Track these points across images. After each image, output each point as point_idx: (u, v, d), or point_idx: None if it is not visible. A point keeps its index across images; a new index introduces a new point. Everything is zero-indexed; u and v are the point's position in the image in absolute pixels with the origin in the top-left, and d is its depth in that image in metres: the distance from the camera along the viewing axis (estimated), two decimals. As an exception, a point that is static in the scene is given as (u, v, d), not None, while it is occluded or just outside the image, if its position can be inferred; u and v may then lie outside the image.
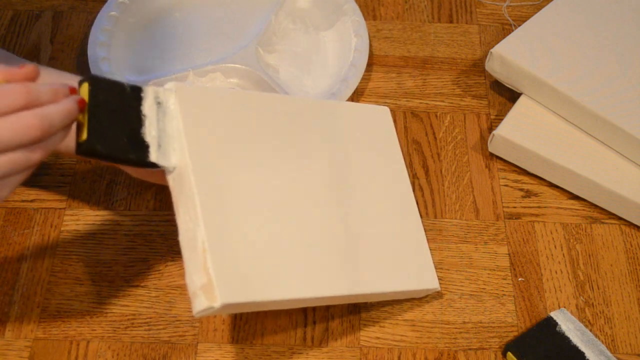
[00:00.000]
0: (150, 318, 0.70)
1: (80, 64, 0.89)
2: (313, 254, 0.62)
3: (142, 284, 0.72)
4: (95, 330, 0.69)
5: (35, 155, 0.50)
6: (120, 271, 0.73)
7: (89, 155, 0.54)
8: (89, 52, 0.85)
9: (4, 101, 0.48)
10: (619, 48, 0.84)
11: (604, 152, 0.80)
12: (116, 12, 0.88)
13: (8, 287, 0.72)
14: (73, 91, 0.53)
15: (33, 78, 0.52)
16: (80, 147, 0.53)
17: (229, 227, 0.57)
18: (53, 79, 0.66)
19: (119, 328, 0.70)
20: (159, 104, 0.57)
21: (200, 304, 0.55)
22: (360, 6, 0.94)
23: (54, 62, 0.89)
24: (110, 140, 0.54)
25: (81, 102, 0.53)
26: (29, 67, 0.52)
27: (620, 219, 0.79)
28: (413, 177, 0.81)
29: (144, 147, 0.56)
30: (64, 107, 0.51)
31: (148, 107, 0.57)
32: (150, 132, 0.56)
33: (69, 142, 0.64)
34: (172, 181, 0.58)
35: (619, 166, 0.79)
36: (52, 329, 0.69)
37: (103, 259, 0.74)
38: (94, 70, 0.83)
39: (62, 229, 0.75)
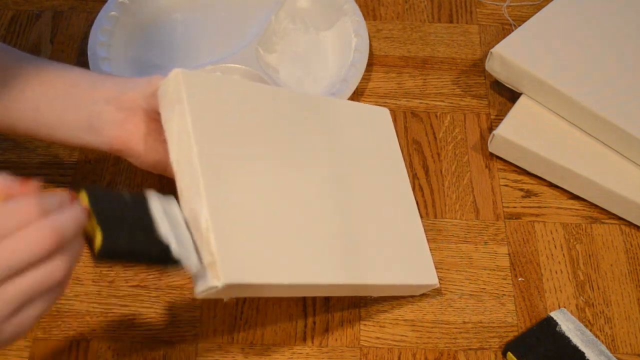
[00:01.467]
0: (151, 318, 0.70)
1: (80, 64, 0.88)
2: (315, 242, 0.62)
3: (142, 284, 0.72)
4: (95, 330, 0.69)
5: (59, 272, 0.46)
6: (120, 271, 0.73)
7: (110, 258, 0.50)
8: (89, 52, 0.85)
9: (17, 218, 0.45)
10: (619, 48, 0.84)
11: (604, 152, 0.80)
12: (116, 12, 0.88)
13: (8, 287, 0.72)
14: (74, 197, 0.50)
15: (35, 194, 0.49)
16: (99, 253, 0.49)
17: (232, 211, 0.57)
18: (57, 72, 0.65)
19: (119, 328, 0.70)
20: (164, 209, 0.55)
21: (204, 283, 0.54)
22: (360, 6, 0.94)
23: (54, 62, 0.89)
24: (127, 241, 0.51)
25: (86, 209, 0.50)
26: (31, 185, 0.48)
27: (620, 219, 0.79)
28: (413, 177, 0.81)
29: (163, 244, 0.53)
30: (73, 214, 0.47)
31: (156, 210, 0.54)
32: (166, 231, 0.54)
33: (77, 133, 0.64)
34: (175, 165, 0.58)
35: (619, 166, 0.79)
36: (52, 329, 0.69)
37: (103, 259, 0.74)
38: (93, 69, 0.83)
39: (62, 229, 0.75)
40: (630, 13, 0.88)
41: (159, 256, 0.53)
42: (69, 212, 0.47)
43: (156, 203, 0.55)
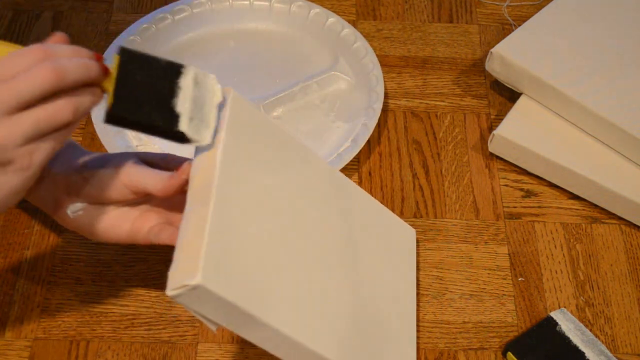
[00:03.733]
0: (150, 318, 0.70)
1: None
2: (309, 303, 0.58)
3: (142, 284, 0.72)
4: (95, 330, 0.69)
5: (62, 113, 0.50)
6: (120, 271, 0.73)
7: (116, 121, 0.52)
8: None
9: (21, 60, 0.49)
10: (619, 48, 0.84)
11: (604, 152, 0.80)
12: (138, 37, 0.88)
13: (8, 287, 0.72)
14: (99, 58, 0.53)
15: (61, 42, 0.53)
16: (107, 114, 0.52)
17: (232, 237, 0.54)
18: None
19: (119, 328, 0.70)
20: (197, 83, 0.55)
21: (178, 280, 0.50)
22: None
23: (54, 62, 0.89)
24: (138, 106, 0.52)
25: (105, 68, 0.52)
26: (59, 36, 0.53)
27: (620, 219, 0.79)
28: (413, 177, 0.81)
29: (174, 116, 0.53)
30: (80, 61, 0.51)
31: (185, 82, 0.55)
32: (183, 104, 0.54)
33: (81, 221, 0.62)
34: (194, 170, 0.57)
35: (619, 166, 0.79)
36: (52, 329, 0.69)
37: (103, 259, 0.74)
38: None
39: (62, 229, 0.75)
40: (630, 13, 0.88)
41: (165, 125, 0.53)
42: (76, 59, 0.51)
43: (189, 75, 0.55)
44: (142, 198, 0.62)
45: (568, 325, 0.70)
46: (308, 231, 0.61)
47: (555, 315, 0.70)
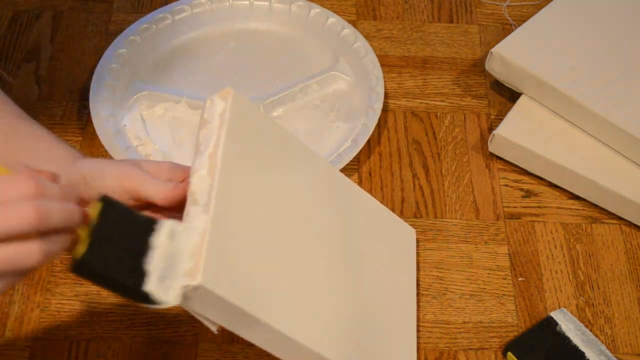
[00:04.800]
0: (151, 318, 0.70)
1: (80, 64, 0.89)
2: (309, 303, 0.58)
3: (142, 284, 0.72)
4: (95, 330, 0.69)
5: (31, 257, 0.45)
6: (120, 271, 0.73)
7: (82, 273, 0.49)
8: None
9: (8, 189, 0.45)
10: (620, 48, 0.84)
11: (604, 152, 0.80)
12: (138, 37, 0.88)
13: (8, 287, 0.72)
14: (82, 203, 0.50)
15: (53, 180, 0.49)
16: (75, 263, 0.48)
17: (233, 238, 0.54)
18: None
19: (119, 328, 0.70)
20: (172, 237, 0.52)
21: (178, 283, 0.50)
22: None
23: (54, 62, 0.89)
24: (109, 262, 0.49)
25: (86, 215, 0.49)
26: (47, 172, 0.49)
27: (620, 219, 0.79)
28: (413, 177, 0.81)
29: (141, 275, 0.50)
30: (66, 207, 0.47)
31: (158, 240, 0.52)
32: (153, 263, 0.51)
33: None
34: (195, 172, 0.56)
35: (619, 166, 0.79)
36: (52, 329, 0.69)
37: (103, 259, 0.74)
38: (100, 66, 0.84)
39: (62, 229, 0.75)
40: (630, 13, 0.88)
41: (132, 287, 0.50)
42: (62, 204, 0.47)
43: (163, 231, 0.52)
44: (142, 204, 0.61)
45: (568, 325, 0.70)
46: (308, 231, 0.61)
47: (555, 315, 0.70)
